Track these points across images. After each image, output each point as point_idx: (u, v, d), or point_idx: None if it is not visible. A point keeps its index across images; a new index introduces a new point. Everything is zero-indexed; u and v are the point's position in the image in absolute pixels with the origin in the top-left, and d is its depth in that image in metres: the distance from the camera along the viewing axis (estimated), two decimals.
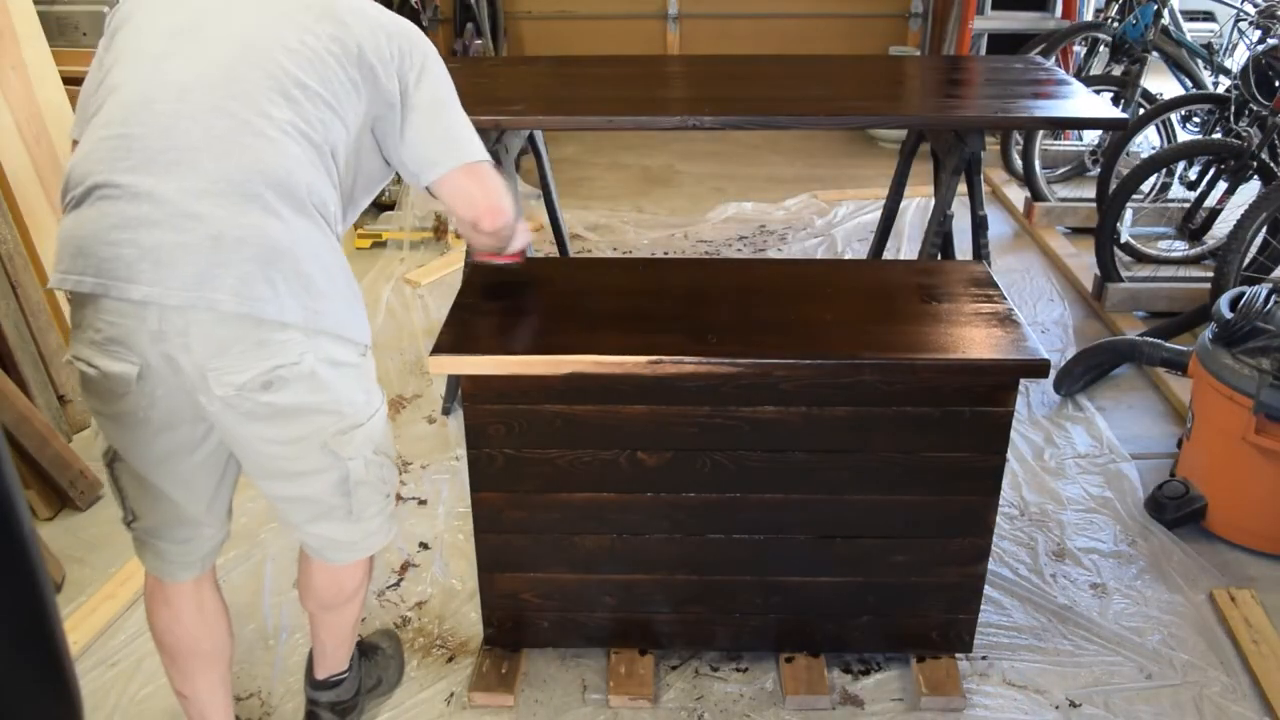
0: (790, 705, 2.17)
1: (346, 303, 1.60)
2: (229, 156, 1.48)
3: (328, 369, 1.58)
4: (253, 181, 1.49)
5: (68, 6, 3.38)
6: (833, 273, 2.41)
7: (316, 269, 1.54)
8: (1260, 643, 2.32)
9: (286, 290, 1.50)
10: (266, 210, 1.49)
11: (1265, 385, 2.46)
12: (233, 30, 1.56)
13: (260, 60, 1.53)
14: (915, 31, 6.39)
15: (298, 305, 1.51)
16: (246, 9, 1.58)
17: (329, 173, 1.59)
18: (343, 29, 1.59)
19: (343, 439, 1.65)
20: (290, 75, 1.54)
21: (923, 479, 2.06)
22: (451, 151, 1.71)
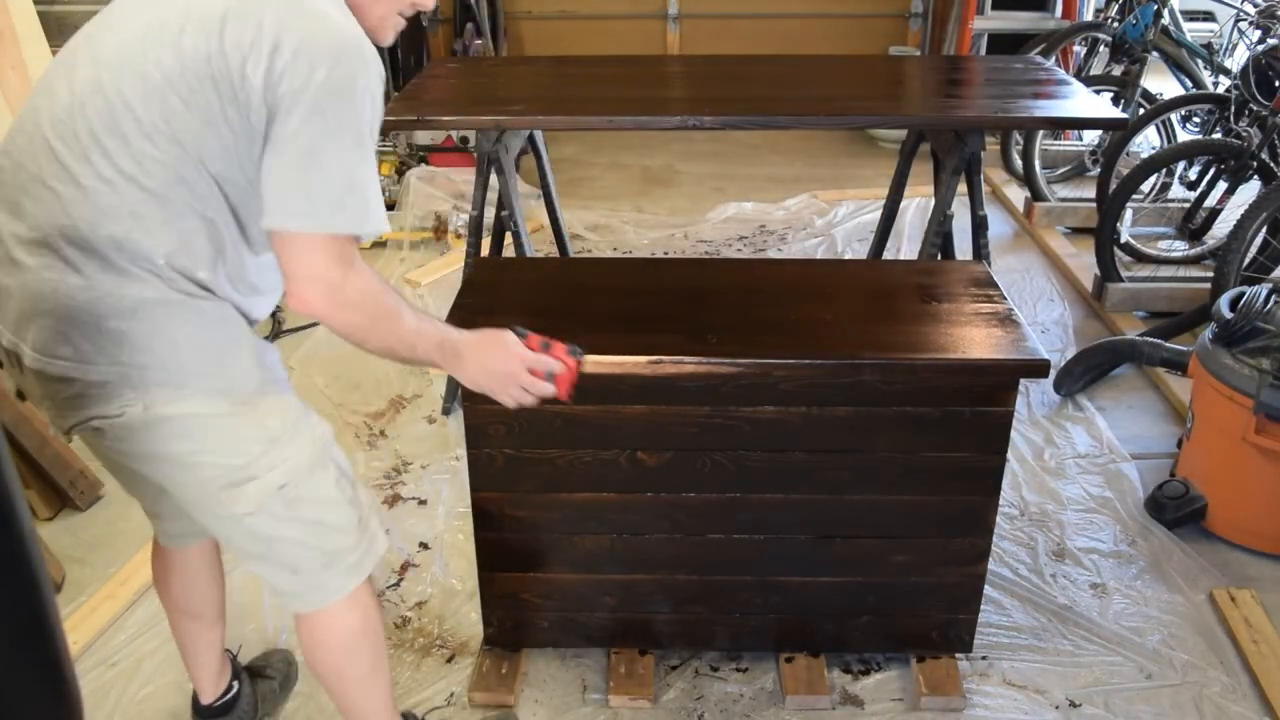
0: (790, 705, 2.17)
1: (197, 353, 1.45)
2: (41, 203, 1.41)
3: (177, 422, 1.46)
4: (52, 235, 1.40)
5: (68, 6, 3.38)
6: (833, 273, 2.41)
7: (131, 325, 1.41)
8: (1260, 643, 2.32)
9: (91, 348, 1.41)
10: (66, 264, 1.40)
11: (1265, 385, 2.46)
12: (102, 51, 1.43)
13: (107, 89, 1.39)
14: (915, 31, 6.39)
15: (106, 361, 1.42)
16: (132, 21, 1.44)
17: (172, 219, 1.41)
18: (216, 40, 1.37)
19: (233, 492, 1.52)
20: (129, 107, 1.38)
21: (923, 479, 2.06)
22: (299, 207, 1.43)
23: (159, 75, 1.38)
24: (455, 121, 3.03)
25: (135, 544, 2.63)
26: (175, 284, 1.44)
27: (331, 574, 1.64)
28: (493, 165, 3.09)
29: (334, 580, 1.65)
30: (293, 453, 1.55)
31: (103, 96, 1.40)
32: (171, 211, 1.42)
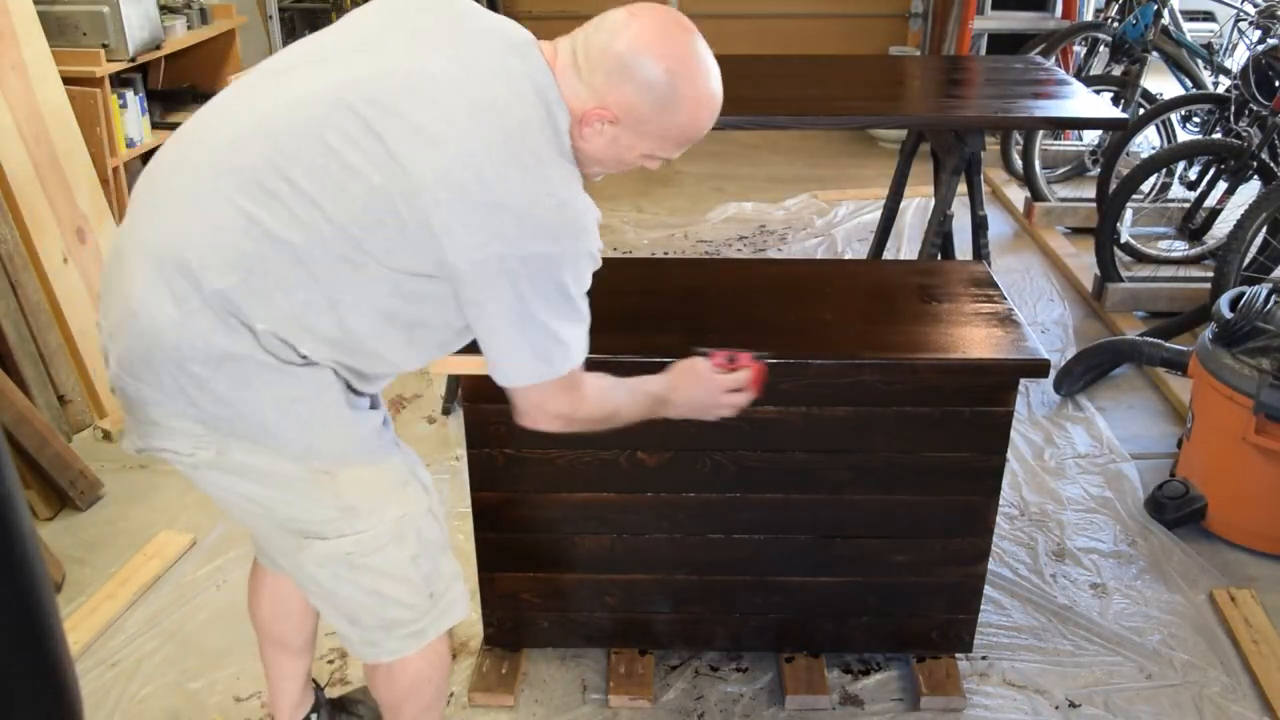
0: (790, 705, 2.17)
1: (280, 416, 1.41)
2: (172, 219, 1.38)
3: (251, 471, 1.45)
4: (166, 256, 1.35)
5: (68, 6, 3.38)
6: (833, 273, 2.41)
7: (216, 374, 1.37)
8: (1260, 643, 2.31)
9: (172, 384, 1.38)
10: (170, 293, 1.35)
11: (1265, 385, 2.46)
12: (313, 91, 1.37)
13: (288, 137, 1.35)
14: (915, 31, 6.39)
15: (185, 401, 1.39)
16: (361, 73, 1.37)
17: (292, 289, 1.36)
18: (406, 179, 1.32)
19: (299, 541, 1.51)
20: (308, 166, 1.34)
21: (923, 479, 2.06)
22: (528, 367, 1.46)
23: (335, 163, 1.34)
24: None
25: (135, 544, 2.63)
26: (270, 347, 1.38)
27: (389, 637, 1.60)
28: None
29: (391, 643, 1.61)
30: (367, 527, 1.51)
31: (277, 143, 1.35)
32: (294, 282, 1.36)
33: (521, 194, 1.34)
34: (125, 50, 3.42)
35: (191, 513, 2.75)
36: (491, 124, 1.34)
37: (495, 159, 1.33)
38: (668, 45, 1.41)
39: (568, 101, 1.41)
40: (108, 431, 3.08)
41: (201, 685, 2.23)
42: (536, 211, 1.35)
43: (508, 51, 1.40)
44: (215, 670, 2.27)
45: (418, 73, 1.36)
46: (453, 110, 1.33)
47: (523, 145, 1.35)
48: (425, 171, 1.32)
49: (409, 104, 1.33)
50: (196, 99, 4.00)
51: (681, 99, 1.41)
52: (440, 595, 1.62)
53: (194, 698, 2.20)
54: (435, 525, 1.60)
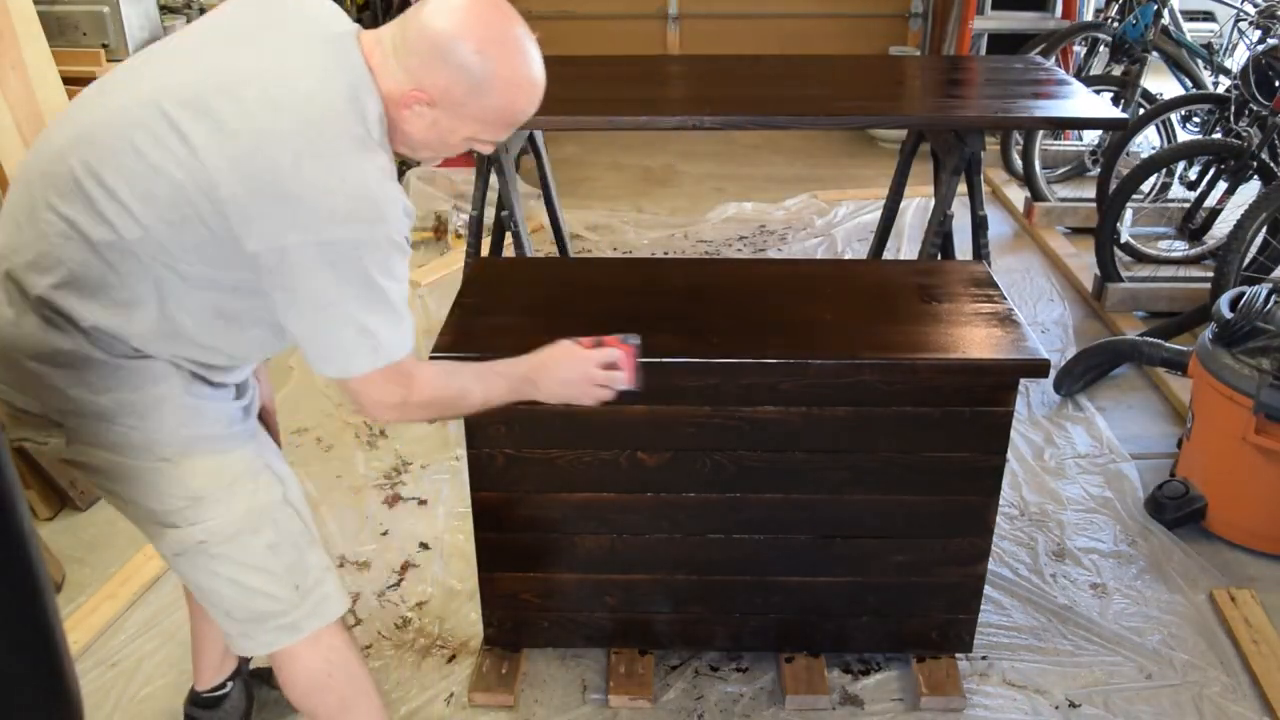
0: (790, 705, 2.17)
1: (116, 407, 1.46)
2: (7, 231, 1.47)
3: (97, 462, 1.51)
4: (6, 264, 1.45)
5: (68, 6, 3.38)
6: (833, 273, 2.42)
7: (50, 370, 1.44)
8: (1260, 643, 2.31)
9: (15, 378, 1.46)
10: (6, 297, 1.45)
11: (1265, 385, 2.46)
12: (133, 93, 1.43)
13: (102, 142, 1.41)
14: (915, 31, 6.39)
15: (29, 394, 1.45)
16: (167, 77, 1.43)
17: (114, 290, 1.42)
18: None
19: (156, 529, 1.56)
20: (117, 170, 1.39)
21: (923, 479, 2.06)
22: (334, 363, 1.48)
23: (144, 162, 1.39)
24: None
25: (135, 544, 2.63)
26: (100, 344, 1.44)
27: (261, 629, 1.62)
28: (493, 165, 3.09)
29: (263, 635, 1.63)
30: (217, 515, 1.54)
31: (93, 148, 1.40)
32: (115, 282, 1.42)
33: (314, 182, 1.36)
34: (125, 50, 3.42)
35: None
36: (289, 116, 1.37)
37: (289, 149, 1.36)
38: (482, 28, 1.43)
39: (385, 87, 1.44)
40: None
41: None
42: (329, 198, 1.36)
43: (323, 43, 1.44)
44: None
45: (228, 71, 1.40)
46: (252, 105, 1.37)
47: (320, 135, 1.37)
48: (221, 165, 1.35)
49: (215, 103, 1.37)
50: None
51: (495, 81, 1.43)
52: (309, 589, 1.63)
53: None
54: (295, 517, 1.62)
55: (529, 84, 1.47)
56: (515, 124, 1.52)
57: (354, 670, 1.72)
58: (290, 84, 1.39)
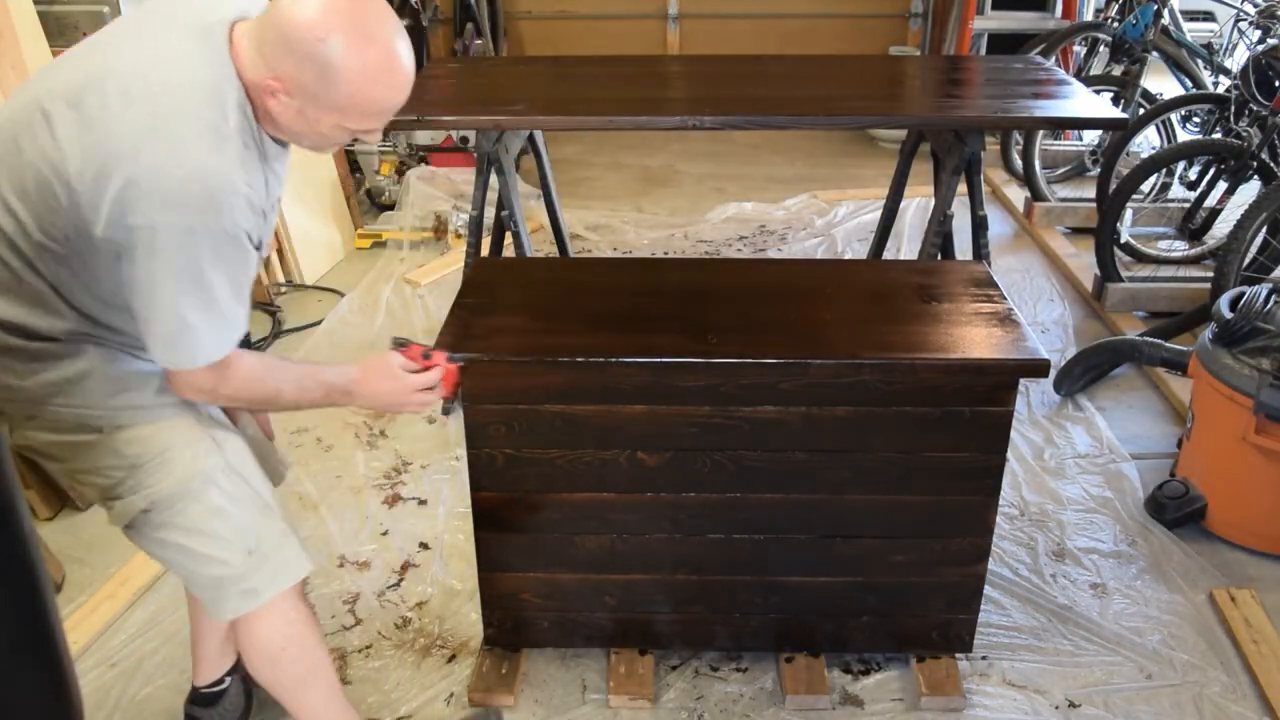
0: (790, 705, 2.17)
1: (41, 388, 1.53)
2: None
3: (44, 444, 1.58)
4: None
5: (68, 6, 3.38)
6: (833, 273, 2.42)
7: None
8: (1260, 643, 2.31)
9: None
10: None
11: (1265, 385, 2.46)
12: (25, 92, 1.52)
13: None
14: (915, 31, 6.39)
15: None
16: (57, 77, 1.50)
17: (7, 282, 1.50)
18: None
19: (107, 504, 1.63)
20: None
21: (923, 479, 2.06)
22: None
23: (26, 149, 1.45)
24: (455, 121, 3.04)
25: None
26: (15, 333, 1.50)
27: (224, 595, 1.67)
28: (493, 165, 3.09)
29: (228, 601, 1.68)
30: (155, 482, 1.59)
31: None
32: (12, 275, 1.48)
33: (154, 167, 1.39)
34: None
35: None
36: (139, 106, 1.41)
37: (135, 135, 1.40)
38: (330, 16, 1.42)
39: (247, 76, 1.47)
40: None
41: None
42: (165, 183, 1.39)
43: (195, 34, 1.47)
44: None
45: (104, 66, 1.45)
46: (111, 96, 1.41)
47: (168, 123, 1.41)
48: (75, 153, 1.41)
49: (84, 96, 1.42)
50: None
51: (341, 70, 1.43)
52: (266, 555, 1.67)
53: None
54: (241, 482, 1.66)
55: (380, 72, 1.46)
56: (378, 113, 1.51)
57: (309, 644, 1.77)
58: (150, 75, 1.44)
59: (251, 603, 1.68)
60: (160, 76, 1.43)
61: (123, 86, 1.42)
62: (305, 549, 1.73)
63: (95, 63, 1.47)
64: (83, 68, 1.47)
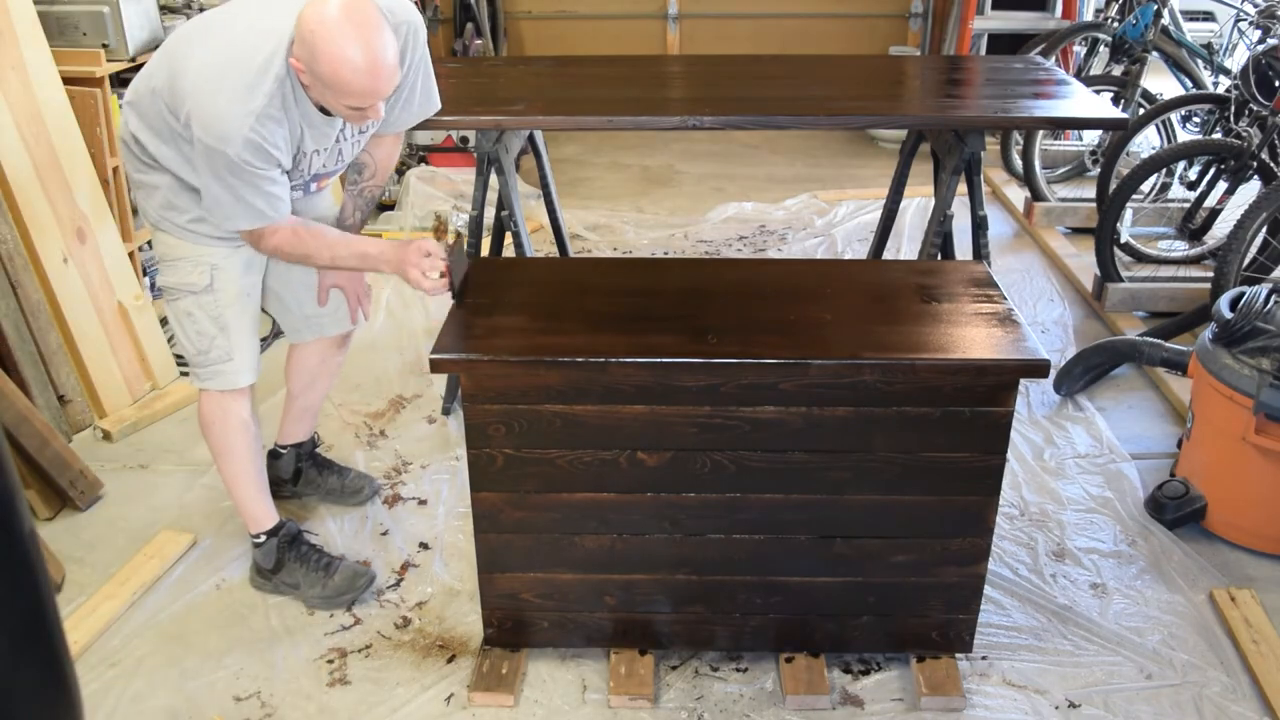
0: (790, 705, 2.17)
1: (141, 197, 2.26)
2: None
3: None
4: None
5: (68, 6, 3.37)
6: (833, 273, 2.42)
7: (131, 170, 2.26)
8: (1260, 643, 2.31)
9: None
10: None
11: (1265, 385, 2.46)
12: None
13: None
14: (915, 31, 6.39)
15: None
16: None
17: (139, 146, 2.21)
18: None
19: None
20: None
21: (923, 479, 2.06)
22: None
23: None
24: (455, 121, 3.03)
25: (135, 544, 2.63)
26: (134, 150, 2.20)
27: (191, 368, 2.35)
28: (493, 165, 3.09)
29: (193, 373, 2.34)
30: (165, 275, 2.27)
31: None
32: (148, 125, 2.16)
33: (199, 104, 1.98)
34: (125, 50, 3.42)
35: (191, 513, 2.75)
36: (219, 53, 2.01)
37: (198, 77, 2.00)
38: (322, 11, 1.90)
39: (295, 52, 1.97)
40: (108, 431, 3.08)
41: (201, 685, 2.23)
42: (201, 114, 1.98)
43: (287, 15, 1.97)
44: (215, 670, 2.27)
45: (215, 22, 2.09)
46: (207, 50, 2.03)
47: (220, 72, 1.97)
48: (179, 86, 2.04)
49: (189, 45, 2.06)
50: None
51: (321, 55, 1.91)
52: (209, 362, 2.29)
53: (194, 698, 2.20)
54: (211, 304, 2.25)
55: (349, 61, 1.90)
56: (351, 98, 1.96)
57: (229, 430, 2.35)
58: (238, 33, 2.02)
59: (197, 383, 2.34)
60: (240, 37, 2.01)
61: (222, 42, 2.03)
62: (249, 370, 2.32)
63: (210, 17, 2.12)
64: (204, 17, 2.14)
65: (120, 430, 3.09)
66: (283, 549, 2.45)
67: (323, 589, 2.43)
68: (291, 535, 2.48)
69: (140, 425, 3.13)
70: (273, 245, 2.16)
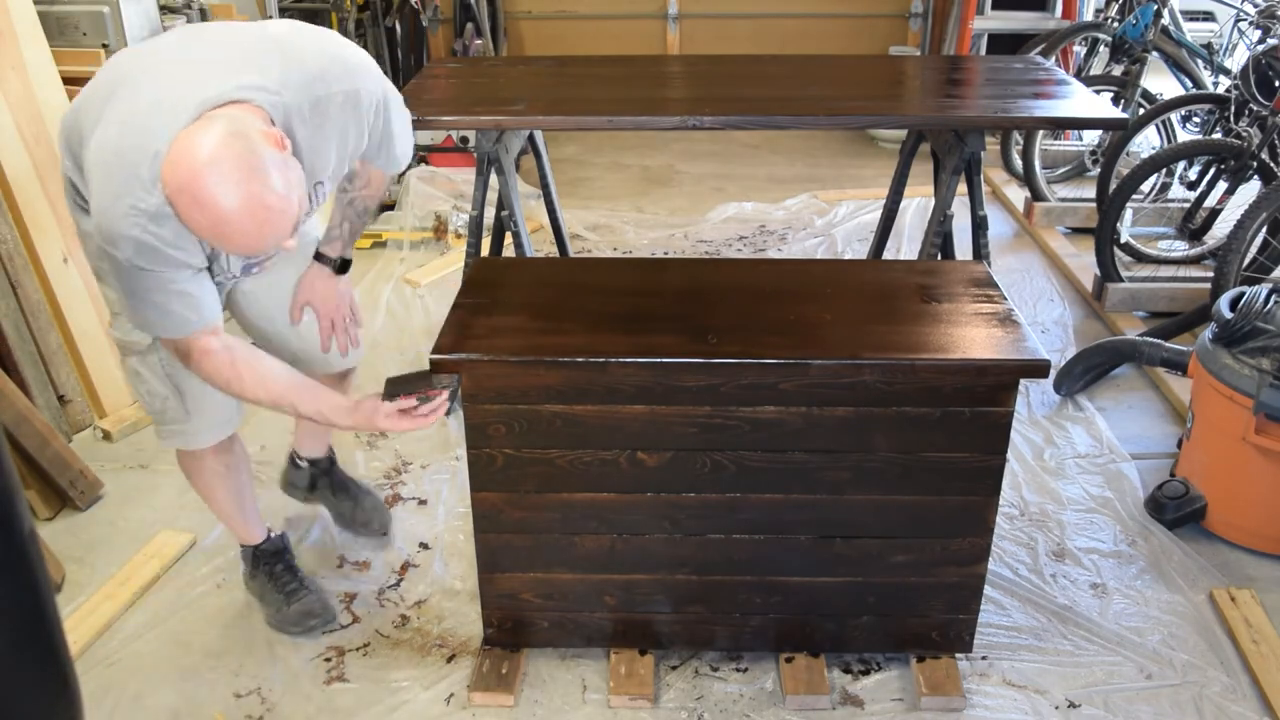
0: (790, 705, 2.17)
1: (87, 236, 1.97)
2: None
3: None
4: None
5: (68, 6, 3.37)
6: (833, 273, 2.42)
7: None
8: (1260, 643, 2.32)
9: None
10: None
11: (1265, 385, 2.46)
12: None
13: None
14: (915, 31, 6.39)
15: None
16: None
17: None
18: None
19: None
20: None
21: (923, 479, 2.06)
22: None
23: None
24: (455, 121, 3.03)
25: (135, 544, 2.63)
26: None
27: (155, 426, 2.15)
28: (493, 165, 3.09)
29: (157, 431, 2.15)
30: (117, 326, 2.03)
31: None
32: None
33: (98, 197, 1.74)
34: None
35: (191, 513, 2.75)
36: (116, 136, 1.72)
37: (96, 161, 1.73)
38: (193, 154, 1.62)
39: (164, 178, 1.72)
40: (108, 431, 3.08)
41: (201, 685, 2.23)
42: (99, 214, 1.73)
43: (196, 89, 1.70)
44: (215, 670, 2.27)
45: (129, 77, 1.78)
46: (108, 123, 1.74)
47: (123, 160, 1.69)
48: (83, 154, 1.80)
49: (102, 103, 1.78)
50: None
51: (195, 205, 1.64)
52: (164, 421, 2.10)
53: (194, 697, 2.20)
54: (150, 373, 2.04)
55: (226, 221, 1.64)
56: (236, 251, 1.76)
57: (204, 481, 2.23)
58: (141, 108, 1.71)
59: (161, 441, 2.15)
60: (144, 121, 1.68)
61: (122, 108, 1.72)
62: (213, 427, 2.12)
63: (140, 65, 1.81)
64: (136, 64, 1.81)
65: (120, 430, 3.09)
66: (257, 561, 2.39)
67: (277, 614, 2.36)
68: (272, 551, 2.40)
69: (140, 425, 3.13)
70: (206, 371, 1.87)
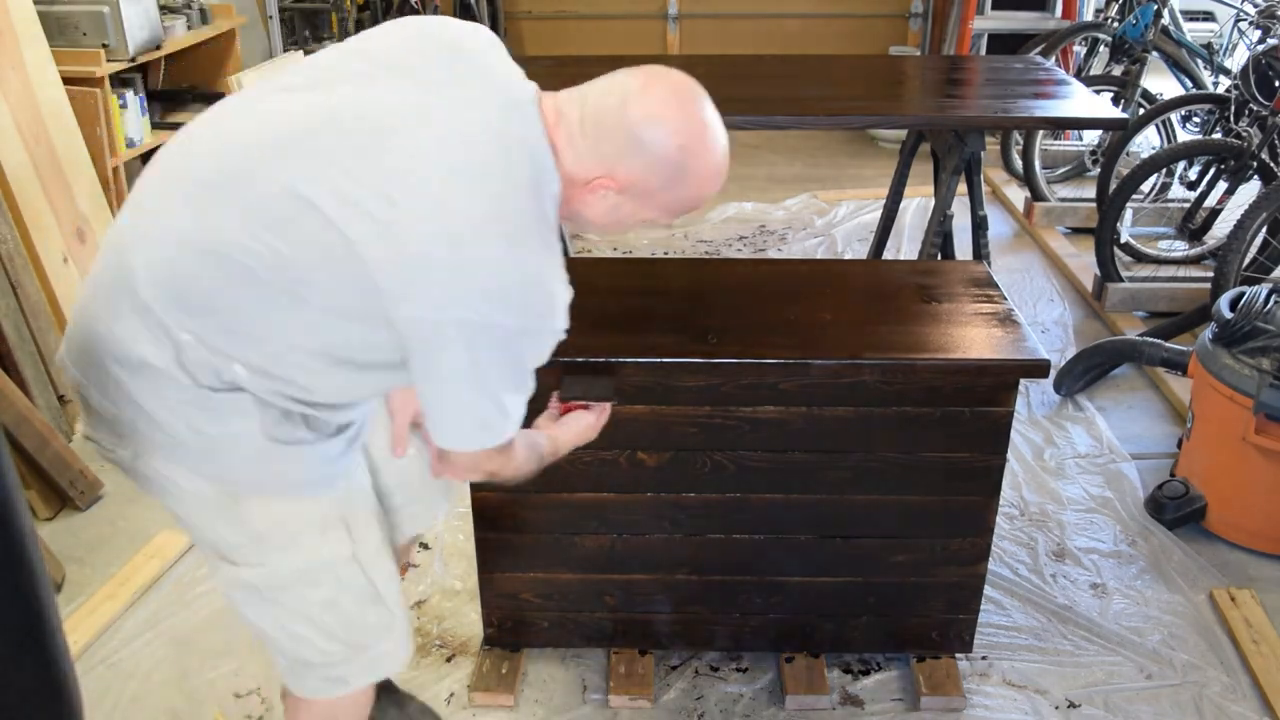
0: (790, 705, 2.17)
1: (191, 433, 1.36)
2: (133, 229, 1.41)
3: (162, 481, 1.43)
4: (117, 261, 1.36)
5: (68, 6, 3.38)
6: (833, 273, 2.42)
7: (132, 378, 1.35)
8: (1260, 643, 2.32)
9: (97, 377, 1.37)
10: (106, 295, 1.36)
11: (1265, 385, 2.46)
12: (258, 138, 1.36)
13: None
14: (915, 31, 6.39)
15: (106, 398, 1.38)
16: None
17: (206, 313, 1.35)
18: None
19: (212, 561, 1.49)
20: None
21: (923, 479, 2.06)
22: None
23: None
24: None
25: (135, 544, 2.63)
26: (189, 367, 1.33)
27: (309, 675, 1.56)
28: None
29: (310, 681, 1.57)
30: (275, 561, 1.46)
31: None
32: (228, 305, 1.31)
33: (495, 265, 1.28)
34: (125, 50, 3.42)
35: None
36: (473, 187, 1.27)
37: (472, 223, 1.26)
38: (682, 119, 1.35)
39: (568, 168, 1.36)
40: None
41: (201, 685, 2.23)
42: (507, 286, 1.29)
43: (507, 109, 1.34)
44: (215, 669, 2.27)
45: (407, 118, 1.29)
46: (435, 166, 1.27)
47: (503, 213, 1.28)
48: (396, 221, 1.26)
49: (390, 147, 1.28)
50: (196, 99, 4.00)
51: (691, 175, 1.38)
52: (365, 646, 1.56)
53: (194, 697, 2.20)
54: (359, 574, 1.51)
55: (719, 175, 1.41)
56: (696, 209, 1.47)
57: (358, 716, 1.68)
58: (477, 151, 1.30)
59: (336, 690, 1.57)
60: (489, 155, 1.29)
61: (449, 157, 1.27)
62: (408, 633, 1.62)
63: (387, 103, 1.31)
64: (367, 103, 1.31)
65: None
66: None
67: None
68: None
69: None
70: (514, 466, 1.50)
